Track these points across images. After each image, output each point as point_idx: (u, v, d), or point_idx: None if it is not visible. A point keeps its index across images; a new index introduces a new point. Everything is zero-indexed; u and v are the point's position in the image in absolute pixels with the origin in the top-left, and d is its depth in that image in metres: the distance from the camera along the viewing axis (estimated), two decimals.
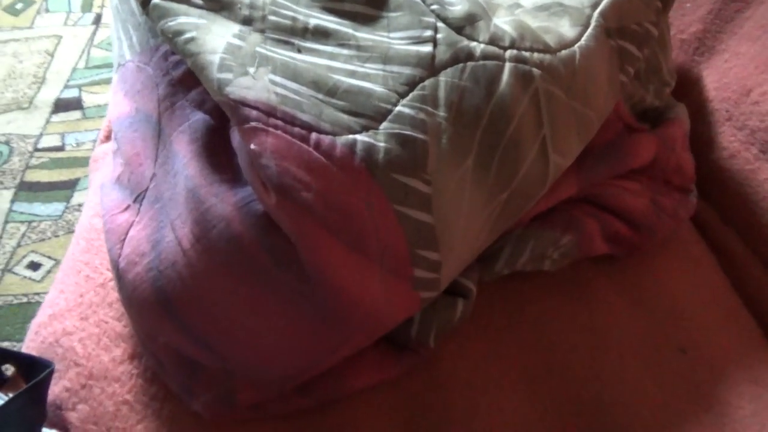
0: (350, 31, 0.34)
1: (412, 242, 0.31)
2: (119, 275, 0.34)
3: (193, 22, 0.32)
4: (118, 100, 0.40)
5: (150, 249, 0.33)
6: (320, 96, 0.31)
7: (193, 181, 0.32)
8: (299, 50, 0.33)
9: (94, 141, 1.05)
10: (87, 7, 1.33)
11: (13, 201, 0.95)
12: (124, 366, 0.37)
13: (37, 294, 0.84)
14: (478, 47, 0.34)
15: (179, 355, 0.34)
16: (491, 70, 0.34)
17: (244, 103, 0.29)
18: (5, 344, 0.79)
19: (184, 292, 0.32)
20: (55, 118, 1.09)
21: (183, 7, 0.33)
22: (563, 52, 0.36)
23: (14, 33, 1.26)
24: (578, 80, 0.37)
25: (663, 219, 0.43)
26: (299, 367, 0.33)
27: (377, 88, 0.32)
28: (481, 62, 0.34)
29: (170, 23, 0.32)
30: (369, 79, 0.32)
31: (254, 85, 0.30)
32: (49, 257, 0.88)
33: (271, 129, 0.29)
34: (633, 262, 0.45)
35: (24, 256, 0.88)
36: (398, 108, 0.31)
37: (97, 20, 1.30)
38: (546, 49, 0.36)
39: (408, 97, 0.32)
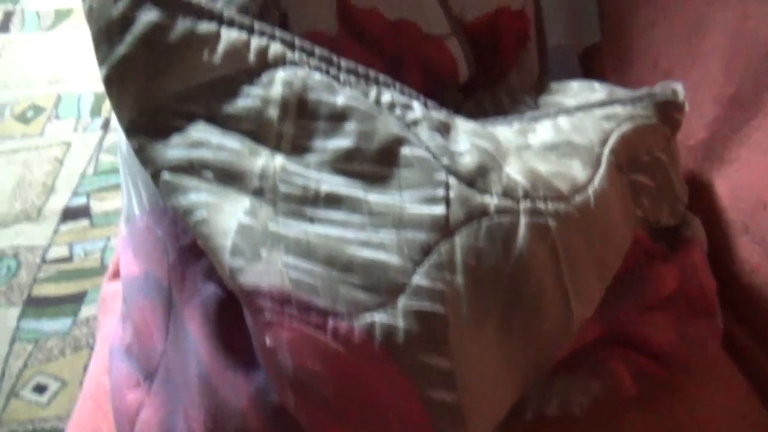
0: (361, 194, 0.33)
1: (437, 424, 0.29)
2: None
3: (203, 201, 0.31)
4: (128, 259, 0.40)
5: None
6: (335, 273, 0.30)
7: (205, 367, 0.31)
8: (311, 220, 0.32)
9: (102, 250, 1.05)
10: (96, 111, 1.37)
11: (20, 318, 0.94)
12: None
13: (44, 420, 0.82)
14: (492, 202, 0.34)
15: None
16: (506, 226, 0.33)
17: (257, 293, 0.28)
18: None
19: None
20: (63, 227, 1.10)
21: (194, 182, 0.32)
22: (577, 197, 0.36)
23: (25, 141, 1.28)
24: (595, 224, 0.36)
25: (692, 350, 0.42)
26: None
27: (393, 259, 0.31)
28: (496, 218, 0.33)
29: (181, 200, 0.32)
30: (384, 249, 0.31)
31: (268, 271, 0.29)
32: (56, 378, 0.86)
33: (286, 321, 0.28)
34: (664, 397, 0.42)
35: (30, 378, 0.86)
36: (415, 279, 0.30)
37: (106, 125, 1.33)
38: (559, 196, 0.36)
39: (424, 266, 0.31)
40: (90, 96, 1.39)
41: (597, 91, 0.52)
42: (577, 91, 0.53)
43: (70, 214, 1.12)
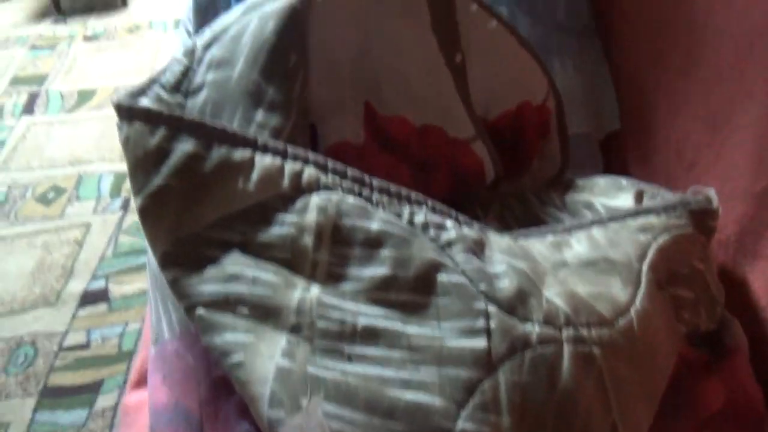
0: (399, 326, 0.33)
1: None
2: None
3: (240, 341, 0.31)
4: (156, 384, 0.39)
5: None
6: (377, 420, 0.29)
7: None
8: (350, 358, 0.31)
9: (120, 336, 1.04)
10: (116, 192, 1.39)
11: (35, 410, 0.93)
12: None
13: None
14: (534, 331, 0.33)
15: None
16: (550, 357, 0.32)
17: None
18: None
19: None
20: (82, 312, 1.09)
21: (229, 319, 0.32)
22: (620, 321, 0.35)
23: (45, 224, 1.30)
24: (639, 348, 0.35)
25: None
26: None
27: (435, 401, 0.30)
28: (539, 349, 0.32)
29: (216, 340, 0.31)
30: (425, 389, 0.30)
31: (308, 424, 0.28)
32: None
33: None
34: None
35: None
36: (459, 424, 0.29)
37: (126, 205, 1.35)
38: (602, 321, 0.35)
39: (468, 408, 0.30)
40: (110, 176, 1.42)
41: (624, 188, 0.52)
42: (604, 189, 0.53)
43: (88, 298, 1.12)
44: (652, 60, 0.64)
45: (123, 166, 1.45)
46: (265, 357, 0.30)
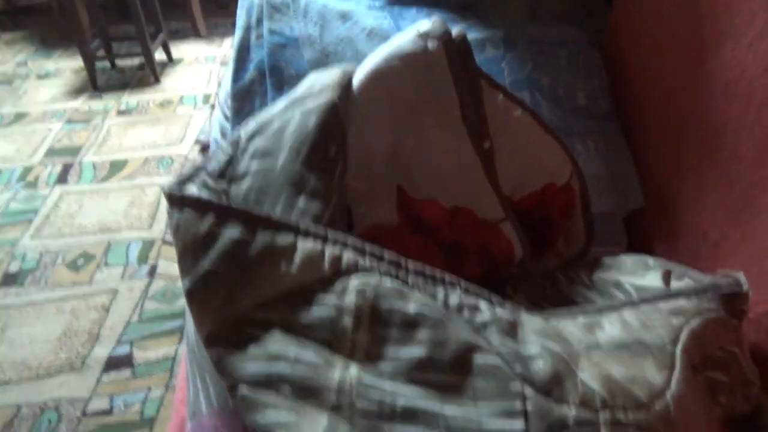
0: (437, 407, 0.33)
1: None
2: None
3: (283, 420, 0.32)
4: None
5: None
6: None
7: None
8: None
9: (142, 402, 1.04)
10: (143, 259, 1.42)
11: None
12: None
13: None
14: (570, 414, 0.33)
15: None
16: None
17: None
18: None
19: None
20: (106, 377, 1.10)
21: (272, 398, 0.33)
22: (656, 405, 0.35)
23: (74, 290, 1.33)
24: (676, 431, 0.35)
25: None
26: None
27: None
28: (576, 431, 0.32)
29: (259, 418, 0.32)
30: None
31: None
32: None
33: None
34: None
35: None
36: None
37: (152, 272, 1.37)
38: (638, 404, 0.35)
39: None
40: (138, 243, 1.45)
41: (652, 268, 0.53)
42: (631, 268, 0.54)
43: (113, 364, 1.13)
44: (673, 146, 0.67)
45: (150, 234, 1.49)
46: None
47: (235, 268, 0.36)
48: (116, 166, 1.78)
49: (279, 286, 0.36)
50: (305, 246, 0.37)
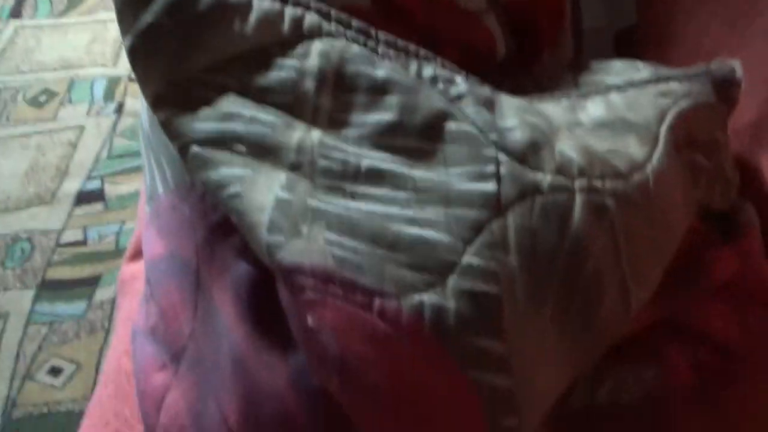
0: (405, 170, 0.31)
1: (489, 412, 0.27)
2: None
3: (237, 175, 0.29)
4: (151, 239, 0.38)
5: (191, 423, 0.29)
6: (381, 252, 0.28)
7: (239, 348, 0.29)
8: (353, 196, 0.30)
9: (116, 233, 1.04)
10: (109, 96, 1.35)
11: (34, 301, 0.93)
12: None
13: (58, 403, 0.80)
14: (545, 179, 0.31)
15: None
16: (561, 204, 0.31)
17: (299, 271, 0.26)
18: None
19: None
20: (78, 211, 1.08)
21: (225, 156, 0.30)
22: (636, 176, 0.33)
23: (38, 126, 1.27)
24: (655, 205, 0.34)
25: (750, 341, 0.39)
26: None
27: (441, 237, 0.29)
28: (550, 197, 0.31)
29: (212, 174, 0.30)
30: (431, 226, 0.29)
31: (309, 248, 0.27)
32: (71, 361, 0.85)
33: (330, 300, 0.26)
34: (720, 389, 0.40)
35: (45, 361, 0.85)
36: (466, 258, 0.28)
37: (120, 109, 1.32)
38: (617, 174, 0.33)
39: (475, 244, 0.29)
40: (103, 81, 1.38)
41: (641, 70, 0.50)
42: (620, 70, 0.51)
43: (84, 197, 1.11)
44: None
45: (116, 71, 1.40)
46: (264, 188, 0.29)
47: (181, 23, 0.32)
48: (74, 1, 1.65)
49: (233, 47, 0.33)
50: (262, 5, 0.33)
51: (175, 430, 0.29)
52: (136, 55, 0.32)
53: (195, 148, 0.31)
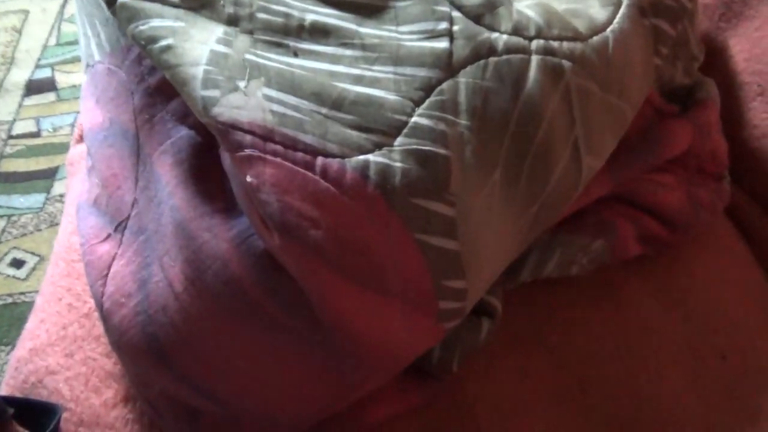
0: (353, 26, 0.29)
1: (436, 273, 0.27)
2: (104, 316, 0.30)
3: (169, 26, 0.27)
4: (89, 107, 0.36)
5: (137, 289, 0.29)
6: (324, 110, 0.26)
7: (180, 213, 0.28)
8: (295, 53, 0.28)
9: (72, 125, 0.99)
10: None
11: None
12: (117, 410, 0.33)
13: (23, 294, 0.80)
14: (501, 39, 0.30)
15: (177, 402, 0.30)
16: (516, 65, 0.30)
17: (235, 127, 0.25)
18: None
19: (179, 339, 0.28)
20: (28, 101, 1.03)
21: (156, 7, 0.28)
22: (595, 38, 0.32)
23: None
24: (612, 70, 0.33)
25: (700, 213, 0.40)
26: (312, 411, 0.30)
27: (389, 96, 0.27)
28: (505, 57, 0.29)
29: (142, 27, 0.27)
30: (379, 86, 0.28)
31: (246, 104, 0.25)
32: (33, 253, 0.84)
33: (269, 157, 0.25)
34: (665, 259, 0.41)
35: (6, 253, 0.84)
36: (414, 119, 0.27)
37: None
38: (576, 36, 0.32)
39: (425, 105, 0.27)
40: None
41: None
42: None
43: (34, 87, 1.05)
44: None
45: None
46: (197, 42, 0.27)
47: None
48: None
49: None
50: None
51: (122, 297, 0.29)
52: None
53: (124, 1, 0.28)
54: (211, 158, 0.29)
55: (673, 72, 0.42)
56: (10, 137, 0.98)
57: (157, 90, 0.31)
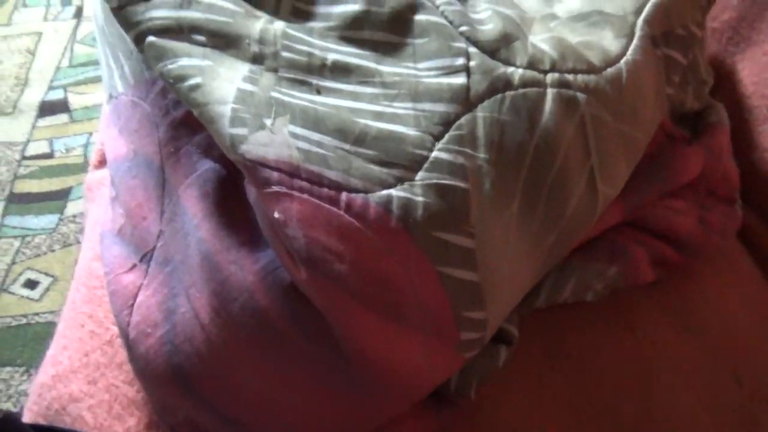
0: (373, 64, 0.30)
1: (456, 305, 0.28)
2: (129, 345, 0.31)
3: (196, 65, 0.28)
4: (112, 138, 0.36)
5: (163, 319, 0.29)
6: (347, 146, 0.27)
7: (207, 245, 0.28)
8: (318, 91, 0.29)
9: (84, 146, 1.00)
10: None
11: (4, 215, 0.91)
12: None
13: (37, 314, 0.81)
14: (516, 73, 0.31)
15: (201, 429, 0.31)
16: (532, 98, 0.30)
17: (263, 164, 0.26)
18: (6, 370, 0.76)
19: (205, 369, 0.28)
20: (41, 122, 1.04)
21: (184, 46, 0.29)
22: (608, 70, 0.33)
23: None
24: (626, 100, 0.33)
25: (711, 237, 0.40)
26: None
27: (409, 132, 0.28)
28: (521, 91, 0.30)
29: (170, 66, 0.28)
30: (399, 121, 0.28)
31: (273, 141, 0.26)
32: (47, 274, 0.85)
33: (296, 193, 0.25)
34: (677, 282, 0.41)
35: (20, 274, 0.85)
36: (434, 153, 0.28)
37: (79, 14, 1.24)
38: (590, 68, 0.32)
39: (444, 139, 0.28)
40: None
41: None
42: None
43: (47, 108, 1.06)
44: None
45: None
46: (225, 80, 0.28)
47: None
48: None
49: None
50: None
51: (148, 327, 0.30)
52: None
53: (151, 38, 0.29)
54: (236, 191, 0.29)
55: (684, 97, 0.42)
56: (24, 158, 1.00)
57: (182, 123, 0.32)
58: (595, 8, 0.36)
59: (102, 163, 0.51)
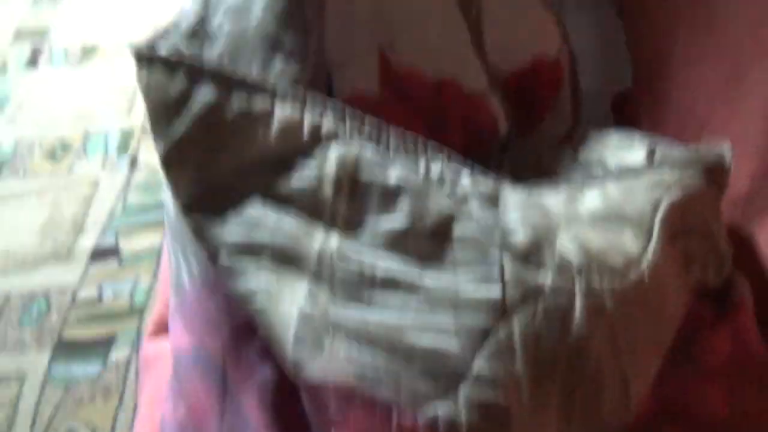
0: (416, 275, 0.33)
1: None
2: None
3: (263, 288, 0.32)
4: (177, 330, 0.40)
5: None
6: (396, 363, 0.30)
7: None
8: (369, 303, 0.32)
9: (131, 291, 1.05)
10: (123, 149, 1.38)
11: (51, 362, 0.95)
12: None
13: None
14: (547, 280, 0.34)
15: None
16: (563, 305, 0.33)
17: (323, 388, 0.28)
18: None
19: None
20: (93, 268, 1.10)
21: (252, 266, 0.32)
22: (632, 273, 0.36)
23: (53, 179, 1.30)
24: (651, 299, 0.36)
25: (743, 422, 0.41)
26: None
27: (452, 346, 0.31)
28: (552, 299, 0.33)
29: (239, 286, 0.32)
30: (442, 334, 0.31)
31: (331, 364, 0.29)
32: (87, 424, 0.86)
33: (351, 416, 0.28)
34: None
35: (60, 425, 0.86)
36: (475, 368, 0.30)
37: (134, 162, 1.35)
38: (614, 272, 0.35)
39: (483, 352, 0.31)
40: (117, 133, 1.41)
41: (636, 147, 0.52)
42: (617, 144, 0.53)
43: (99, 254, 1.13)
44: (668, 16, 0.64)
45: (129, 122, 1.44)
46: (287, 303, 0.31)
47: (209, 133, 0.35)
48: (88, 51, 1.69)
49: (256, 153, 0.35)
50: (283, 112, 0.36)
51: None
52: (169, 164, 0.35)
53: (224, 257, 0.33)
54: (293, 397, 0.32)
55: (706, 277, 0.45)
56: (74, 303, 1.05)
57: (244, 327, 0.35)
58: (615, 209, 0.39)
59: (158, 332, 0.55)
